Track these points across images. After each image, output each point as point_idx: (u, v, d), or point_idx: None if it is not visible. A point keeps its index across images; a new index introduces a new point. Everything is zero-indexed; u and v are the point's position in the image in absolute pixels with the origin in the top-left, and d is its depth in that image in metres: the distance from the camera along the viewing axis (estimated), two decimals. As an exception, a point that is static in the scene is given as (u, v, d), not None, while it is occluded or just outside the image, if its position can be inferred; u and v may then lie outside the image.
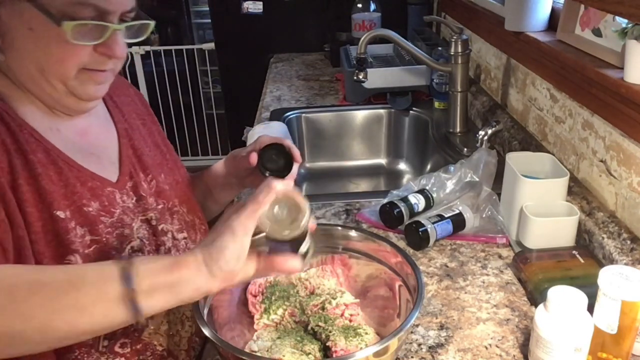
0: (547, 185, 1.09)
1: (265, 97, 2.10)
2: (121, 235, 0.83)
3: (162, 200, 0.93)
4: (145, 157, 0.95)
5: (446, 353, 0.87)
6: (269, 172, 0.91)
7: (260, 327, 0.86)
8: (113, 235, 0.82)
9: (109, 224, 0.82)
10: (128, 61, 3.68)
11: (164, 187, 0.95)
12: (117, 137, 0.93)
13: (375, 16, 2.31)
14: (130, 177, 0.90)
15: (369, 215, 1.24)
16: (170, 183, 0.98)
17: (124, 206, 0.86)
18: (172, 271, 0.65)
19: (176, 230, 0.94)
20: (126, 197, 0.87)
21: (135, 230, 0.86)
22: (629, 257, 0.95)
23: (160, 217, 0.92)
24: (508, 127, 1.49)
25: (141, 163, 0.94)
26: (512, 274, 1.05)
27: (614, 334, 0.78)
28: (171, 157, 1.03)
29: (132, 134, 0.96)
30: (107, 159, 0.89)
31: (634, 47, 0.95)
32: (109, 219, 0.82)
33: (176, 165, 1.04)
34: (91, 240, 0.79)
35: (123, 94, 1.01)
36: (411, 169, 1.89)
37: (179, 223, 0.95)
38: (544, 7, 1.37)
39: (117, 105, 0.97)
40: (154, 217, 0.90)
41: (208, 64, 3.77)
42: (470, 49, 1.61)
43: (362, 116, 1.93)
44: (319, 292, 0.89)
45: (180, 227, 0.95)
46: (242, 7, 2.71)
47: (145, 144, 0.98)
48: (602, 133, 1.09)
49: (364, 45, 1.61)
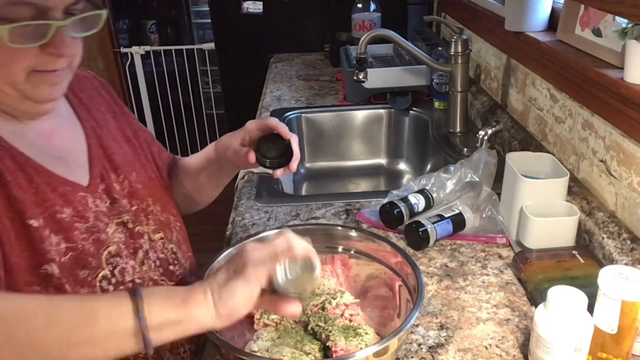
0: (547, 185, 1.09)
1: (265, 97, 2.10)
2: (97, 240, 0.81)
3: (135, 201, 0.91)
4: (116, 155, 0.92)
5: (446, 353, 0.87)
6: (269, 161, 0.90)
7: (260, 327, 0.86)
8: (89, 241, 0.80)
9: (84, 230, 0.80)
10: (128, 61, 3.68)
11: (137, 186, 0.93)
12: (84, 137, 0.89)
13: (375, 16, 2.31)
14: (101, 179, 0.87)
15: (369, 215, 1.24)
16: (143, 181, 0.95)
17: (98, 210, 0.84)
18: (182, 308, 0.66)
19: (152, 231, 0.92)
20: (99, 200, 0.85)
21: (111, 235, 0.84)
22: (629, 257, 0.95)
23: (135, 219, 0.89)
24: (508, 127, 1.49)
25: (112, 163, 0.90)
26: (512, 274, 1.05)
27: (614, 334, 0.78)
28: (143, 152, 1.00)
29: (101, 132, 0.92)
30: (75, 162, 0.86)
31: (634, 47, 0.95)
32: (83, 224, 0.80)
33: (148, 159, 1.01)
34: (67, 248, 0.77)
35: (88, 87, 0.96)
36: (411, 169, 1.89)
37: (154, 223, 0.93)
38: (544, 7, 1.37)
39: (83, 101, 0.93)
40: (129, 219, 0.88)
41: (208, 64, 3.77)
42: (470, 49, 1.61)
43: (362, 116, 1.93)
44: (319, 292, 0.89)
45: (156, 228, 0.93)
46: (242, 7, 2.71)
47: (115, 141, 0.94)
48: (602, 133, 1.09)
49: (364, 45, 1.61)
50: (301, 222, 1.23)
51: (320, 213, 1.27)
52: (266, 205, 1.31)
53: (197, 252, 1.06)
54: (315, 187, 1.87)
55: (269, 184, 1.40)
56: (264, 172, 1.43)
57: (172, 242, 0.96)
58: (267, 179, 1.41)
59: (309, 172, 1.92)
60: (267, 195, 1.35)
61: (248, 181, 1.43)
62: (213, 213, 1.36)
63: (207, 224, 1.78)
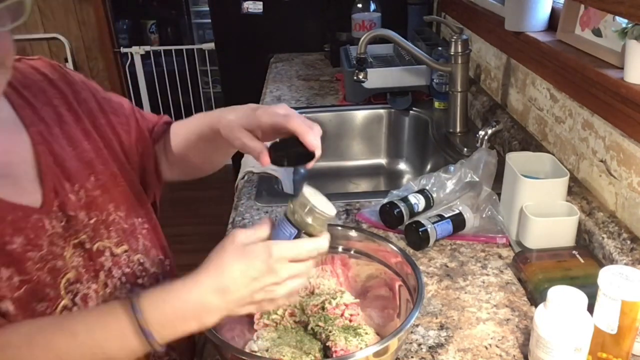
0: (547, 185, 1.09)
1: (265, 97, 2.10)
2: (53, 269, 0.74)
3: (94, 212, 0.82)
4: (69, 161, 0.81)
5: (446, 353, 0.87)
6: (287, 162, 0.79)
7: (260, 327, 0.86)
8: (44, 270, 0.73)
9: (37, 259, 0.72)
10: (128, 61, 3.68)
11: (95, 194, 0.83)
12: (31, 146, 0.77)
13: (375, 16, 2.31)
14: (55, 194, 0.77)
15: (369, 215, 1.24)
16: (104, 183, 0.85)
17: (53, 233, 0.75)
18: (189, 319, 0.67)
19: (115, 245, 0.84)
20: (55, 221, 0.76)
21: (69, 259, 0.76)
22: (629, 257, 0.95)
23: (94, 234, 0.81)
24: (508, 127, 1.49)
25: (65, 171, 0.80)
26: (512, 274, 1.05)
27: (614, 334, 0.78)
28: (106, 141, 0.89)
29: (50, 136, 0.80)
30: (25, 178, 0.76)
31: (634, 47, 0.95)
32: (37, 253, 0.72)
33: (113, 150, 0.89)
34: (20, 282, 0.70)
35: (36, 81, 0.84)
36: (411, 169, 1.89)
37: (116, 235, 0.85)
38: (544, 7, 1.37)
39: (28, 100, 0.81)
40: (87, 237, 0.80)
41: (208, 64, 3.77)
42: (470, 49, 1.60)
43: (362, 116, 1.93)
44: (318, 292, 0.89)
45: (119, 240, 0.85)
46: (242, 7, 2.71)
47: (70, 141, 0.83)
48: (602, 133, 1.09)
49: (364, 45, 1.61)
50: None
51: (320, 213, 1.27)
52: (266, 205, 1.31)
53: (196, 252, 1.05)
54: (315, 187, 1.86)
55: (269, 184, 1.40)
56: (264, 172, 1.43)
57: (138, 252, 0.89)
58: (267, 179, 1.41)
59: (309, 172, 1.91)
60: (267, 195, 1.35)
61: (248, 181, 1.43)
62: (213, 213, 1.36)
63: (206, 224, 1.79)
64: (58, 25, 3.62)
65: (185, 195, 3.10)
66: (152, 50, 3.69)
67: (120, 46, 3.74)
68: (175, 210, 3.07)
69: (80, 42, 3.69)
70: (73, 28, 3.65)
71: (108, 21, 3.64)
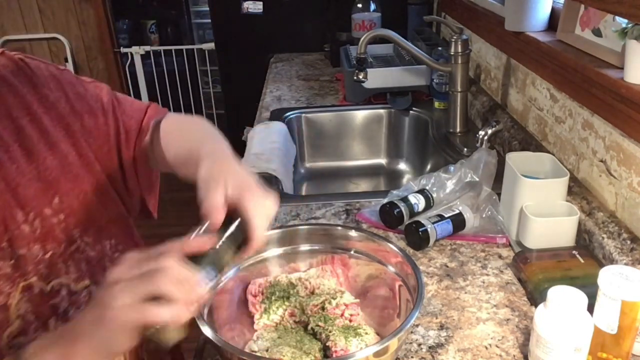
0: (547, 185, 1.09)
1: (265, 97, 2.10)
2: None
3: (51, 245, 0.71)
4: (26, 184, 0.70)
5: (446, 353, 0.87)
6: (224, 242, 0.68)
7: (260, 327, 0.86)
8: None
9: None
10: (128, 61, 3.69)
11: (54, 221, 0.72)
12: None
13: (375, 16, 2.31)
14: (5, 228, 0.67)
15: (369, 215, 1.24)
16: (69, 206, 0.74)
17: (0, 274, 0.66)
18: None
19: (73, 281, 0.74)
20: (2, 261, 0.66)
21: (14, 308, 0.67)
22: (629, 257, 0.95)
23: (49, 271, 0.71)
24: (508, 127, 1.49)
25: (18, 198, 0.69)
26: (512, 274, 1.05)
27: (614, 334, 0.78)
28: (78, 150, 0.78)
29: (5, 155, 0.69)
30: None
31: (634, 47, 0.95)
32: None
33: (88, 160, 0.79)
34: None
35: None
36: (411, 169, 1.89)
37: (76, 270, 0.74)
38: (544, 7, 1.37)
39: None
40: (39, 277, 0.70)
41: (208, 64, 3.77)
42: (470, 49, 1.61)
43: (362, 116, 1.93)
44: (318, 292, 0.89)
45: (79, 275, 0.74)
46: (242, 7, 2.71)
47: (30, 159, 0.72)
48: (602, 133, 1.09)
49: (364, 45, 1.61)
50: (301, 222, 1.23)
51: (320, 213, 1.27)
52: (266, 205, 1.31)
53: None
54: (315, 187, 1.87)
55: (268, 184, 1.39)
56: (264, 172, 1.43)
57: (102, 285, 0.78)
58: (266, 179, 1.41)
59: (309, 172, 1.92)
60: (267, 195, 1.35)
61: (248, 181, 1.43)
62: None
63: (207, 224, 1.79)
64: (58, 25, 3.62)
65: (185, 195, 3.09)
66: (152, 50, 3.69)
67: (121, 46, 3.74)
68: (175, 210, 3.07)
69: (80, 42, 3.70)
70: (73, 28, 3.65)
71: (108, 21, 3.64)
